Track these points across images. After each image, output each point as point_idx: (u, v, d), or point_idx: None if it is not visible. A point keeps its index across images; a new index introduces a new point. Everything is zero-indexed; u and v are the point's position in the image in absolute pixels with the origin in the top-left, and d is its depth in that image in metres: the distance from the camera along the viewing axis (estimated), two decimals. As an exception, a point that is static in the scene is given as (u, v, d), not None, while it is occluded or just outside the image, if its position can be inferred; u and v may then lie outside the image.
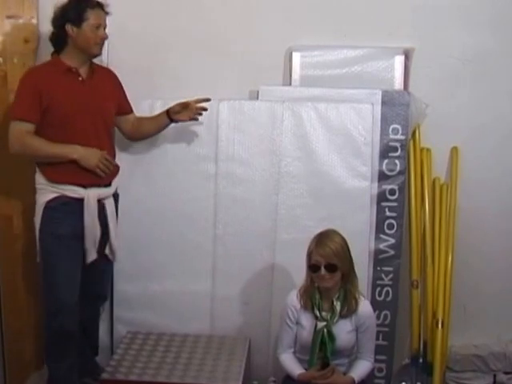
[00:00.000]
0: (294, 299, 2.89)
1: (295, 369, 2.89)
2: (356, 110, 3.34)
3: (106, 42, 3.23)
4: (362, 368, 2.90)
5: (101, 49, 3.05)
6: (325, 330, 2.81)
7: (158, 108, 3.32)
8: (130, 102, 3.26)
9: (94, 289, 3.21)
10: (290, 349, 2.93)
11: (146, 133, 3.26)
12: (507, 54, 3.43)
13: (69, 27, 2.94)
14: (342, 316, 2.84)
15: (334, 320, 2.83)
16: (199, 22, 3.40)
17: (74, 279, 3.02)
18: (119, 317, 3.43)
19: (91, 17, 2.96)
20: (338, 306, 2.83)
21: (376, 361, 3.39)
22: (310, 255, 2.82)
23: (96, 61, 3.14)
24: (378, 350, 3.35)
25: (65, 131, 2.94)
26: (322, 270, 2.78)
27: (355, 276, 2.90)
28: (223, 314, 3.40)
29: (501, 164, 3.52)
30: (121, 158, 3.33)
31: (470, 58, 3.43)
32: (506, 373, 3.61)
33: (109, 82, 3.16)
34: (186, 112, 3.18)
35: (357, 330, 2.88)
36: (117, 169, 3.15)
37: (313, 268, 2.80)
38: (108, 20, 3.06)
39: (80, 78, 3.00)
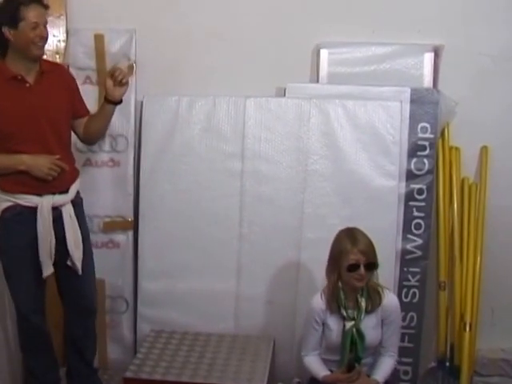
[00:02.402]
0: (319, 302, 2.83)
1: (320, 370, 2.84)
2: (384, 108, 3.29)
3: (133, 38, 3.22)
4: (386, 368, 2.83)
5: (42, 49, 2.82)
6: (354, 330, 2.76)
7: (185, 105, 3.31)
8: (156, 99, 3.21)
9: (78, 302, 3.08)
10: (315, 351, 2.88)
11: (96, 130, 3.08)
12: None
13: (6, 30, 2.74)
14: (368, 312, 2.78)
15: (361, 317, 2.77)
16: (226, 18, 3.38)
17: (33, 290, 2.94)
18: (143, 315, 3.41)
19: (27, 15, 2.72)
20: (362, 302, 2.77)
21: (402, 363, 3.36)
22: (343, 255, 2.72)
23: (121, 56, 3.09)
24: (404, 352, 3.33)
25: (13, 141, 2.81)
26: (362, 269, 2.70)
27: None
28: (248, 313, 3.37)
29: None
30: (145, 155, 3.33)
31: (500, 55, 3.36)
32: (534, 378, 3.56)
33: (62, 83, 2.96)
34: (116, 81, 2.93)
35: (382, 323, 2.82)
36: (75, 174, 3.01)
37: (351, 267, 2.70)
38: (134, 16, 3.00)
39: (27, 85, 2.82)
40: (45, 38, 2.82)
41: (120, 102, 3.01)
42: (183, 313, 3.38)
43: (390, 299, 2.82)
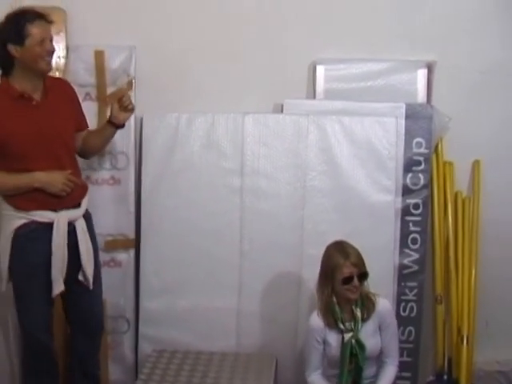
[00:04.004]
0: (316, 320, 2.85)
1: None
2: (380, 124, 3.32)
3: (133, 55, 3.20)
4: (388, 377, 2.87)
5: (50, 64, 2.83)
6: (353, 341, 2.78)
7: (184, 122, 3.31)
8: (155, 115, 3.19)
9: (87, 319, 3.06)
10: (318, 370, 2.89)
11: (94, 147, 3.11)
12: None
13: (11, 48, 2.73)
14: (364, 320, 2.82)
15: (359, 327, 2.80)
16: (224, 35, 3.39)
17: (44, 308, 2.92)
18: (144, 334, 3.36)
19: (33, 31, 2.73)
20: (358, 312, 2.81)
21: (401, 378, 3.35)
22: (337, 269, 2.76)
23: (121, 72, 3.08)
24: (403, 366, 3.31)
25: (24, 161, 2.81)
26: (356, 281, 2.75)
27: None
28: (249, 331, 3.34)
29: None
30: (146, 173, 3.31)
31: (491, 71, 3.43)
32: (531, 390, 3.61)
33: (65, 97, 2.98)
34: (122, 106, 2.98)
35: (379, 329, 2.85)
36: (85, 188, 3.03)
37: (346, 280, 2.75)
38: (134, 33, 3.00)
39: (34, 102, 2.82)
40: (52, 53, 2.83)
41: (122, 126, 3.04)
42: (184, 331, 3.34)
43: (382, 304, 2.87)
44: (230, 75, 3.40)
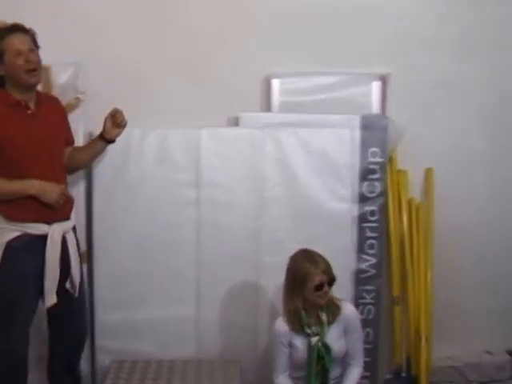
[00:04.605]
0: (282, 325, 2.92)
1: None
2: (335, 135, 3.39)
3: (79, 71, 3.22)
4: (353, 378, 2.96)
5: (35, 76, 2.83)
6: (319, 344, 2.87)
7: (137, 136, 3.30)
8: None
9: (75, 326, 3.11)
10: (285, 372, 2.96)
11: (81, 162, 3.15)
12: (476, 78, 3.56)
13: None
14: (330, 323, 2.90)
15: (325, 331, 2.89)
16: (176, 49, 3.39)
17: (29, 321, 2.95)
18: (101, 346, 3.36)
19: (8, 46, 2.76)
20: (323, 316, 2.90)
21: (360, 377, 3.48)
22: (308, 277, 2.83)
23: (69, 88, 3.11)
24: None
25: (19, 168, 2.83)
26: (326, 287, 2.84)
27: None
28: (208, 339, 3.39)
29: (471, 183, 3.66)
30: (99, 185, 3.30)
31: (443, 83, 3.54)
32: (481, 383, 3.74)
33: (56, 111, 3.02)
34: (115, 123, 3.03)
35: (345, 332, 2.94)
36: (73, 201, 3.07)
37: (317, 287, 2.83)
38: (83, 48, 2.98)
39: (29, 111, 2.85)
40: (34, 62, 2.81)
41: (113, 141, 3.08)
42: (142, 341, 3.36)
43: (348, 308, 2.98)
44: (184, 89, 3.39)
